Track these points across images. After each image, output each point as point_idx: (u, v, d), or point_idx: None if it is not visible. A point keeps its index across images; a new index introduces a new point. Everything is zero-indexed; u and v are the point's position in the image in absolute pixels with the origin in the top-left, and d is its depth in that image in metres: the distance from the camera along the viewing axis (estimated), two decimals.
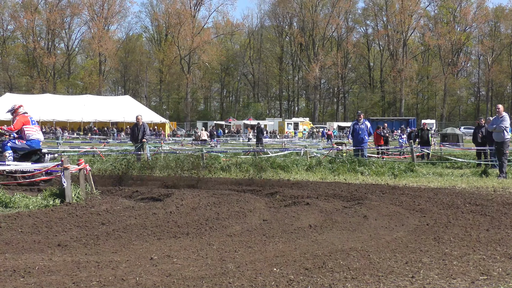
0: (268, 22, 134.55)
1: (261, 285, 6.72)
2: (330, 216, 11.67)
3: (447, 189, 17.17)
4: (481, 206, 13.22)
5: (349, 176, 22.07)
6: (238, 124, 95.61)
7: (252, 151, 35.32)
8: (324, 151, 33.71)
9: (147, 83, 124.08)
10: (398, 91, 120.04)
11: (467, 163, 27.28)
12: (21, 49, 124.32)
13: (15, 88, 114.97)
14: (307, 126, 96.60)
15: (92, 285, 6.69)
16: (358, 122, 27.96)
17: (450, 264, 7.85)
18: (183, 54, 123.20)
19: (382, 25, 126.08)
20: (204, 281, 6.84)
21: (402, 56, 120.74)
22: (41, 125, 75.30)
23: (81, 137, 70.24)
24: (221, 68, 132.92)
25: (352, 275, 7.14)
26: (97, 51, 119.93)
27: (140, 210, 12.15)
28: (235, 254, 8.55)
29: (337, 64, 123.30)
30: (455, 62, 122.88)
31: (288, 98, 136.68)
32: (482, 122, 29.37)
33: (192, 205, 12.72)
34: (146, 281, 6.85)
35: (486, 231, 10.33)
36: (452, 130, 45.59)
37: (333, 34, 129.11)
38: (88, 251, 8.61)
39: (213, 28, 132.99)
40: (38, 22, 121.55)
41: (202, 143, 52.30)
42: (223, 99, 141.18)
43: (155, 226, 10.58)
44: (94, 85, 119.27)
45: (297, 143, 54.67)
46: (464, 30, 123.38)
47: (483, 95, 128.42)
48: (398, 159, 29.33)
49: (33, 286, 6.61)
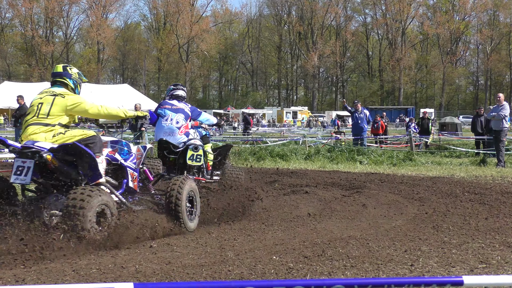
0: (266, 11, 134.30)
1: (260, 273, 6.74)
2: (329, 204, 11.70)
3: (446, 178, 17.22)
4: (479, 195, 13.26)
5: (348, 165, 22.12)
6: (236, 112, 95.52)
7: (251, 140, 35.35)
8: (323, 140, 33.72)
9: (146, 72, 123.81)
10: (397, 80, 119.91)
11: (466, 152, 27.30)
12: (19, 38, 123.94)
13: (13, 76, 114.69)
14: (305, 115, 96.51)
15: (91, 272, 6.70)
16: (356, 111, 27.92)
17: (449, 252, 7.87)
18: (181, 42, 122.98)
19: (381, 14, 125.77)
20: (204, 269, 6.85)
21: (401, 45, 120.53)
22: None
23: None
24: (219, 57, 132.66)
25: (351, 263, 7.16)
26: (96, 40, 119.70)
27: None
28: (234, 242, 8.58)
29: (336, 53, 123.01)
30: (454, 51, 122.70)
31: (286, 87, 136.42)
32: (481, 111, 29.37)
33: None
34: (145, 269, 6.86)
35: (485, 220, 10.36)
36: (451, 119, 45.53)
37: (331, 23, 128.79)
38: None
39: (211, 17, 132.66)
40: (36, 10, 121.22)
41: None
42: (221, 87, 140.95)
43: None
44: (93, 74, 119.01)
45: (296, 132, 54.65)
46: (463, 19, 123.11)
47: (482, 84, 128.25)
48: (396, 148, 29.34)
49: (33, 273, 6.62)
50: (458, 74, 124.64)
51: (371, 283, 3.70)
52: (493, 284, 4.11)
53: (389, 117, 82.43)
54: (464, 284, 3.67)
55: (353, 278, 6.55)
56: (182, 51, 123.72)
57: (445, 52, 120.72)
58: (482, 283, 4.11)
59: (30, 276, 6.51)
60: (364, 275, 6.71)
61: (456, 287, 3.81)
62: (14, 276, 6.47)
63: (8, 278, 6.40)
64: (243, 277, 6.58)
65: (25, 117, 8.81)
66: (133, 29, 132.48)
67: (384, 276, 6.70)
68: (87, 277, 6.55)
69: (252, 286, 3.27)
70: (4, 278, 6.41)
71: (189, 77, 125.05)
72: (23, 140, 8.41)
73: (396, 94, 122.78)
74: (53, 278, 6.44)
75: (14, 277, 6.45)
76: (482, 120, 28.22)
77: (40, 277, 6.44)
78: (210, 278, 6.51)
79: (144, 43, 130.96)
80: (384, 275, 6.72)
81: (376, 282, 3.77)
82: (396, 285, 3.62)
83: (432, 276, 6.65)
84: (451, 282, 3.76)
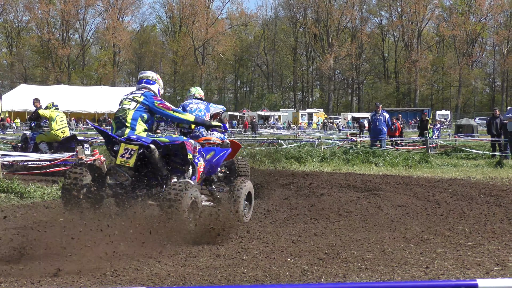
0: (282, 13, 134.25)
1: (275, 275, 6.73)
2: (344, 206, 11.67)
3: (462, 180, 17.12)
4: (495, 197, 13.19)
5: (364, 167, 22.06)
6: (252, 115, 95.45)
7: (266, 142, 35.37)
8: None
9: (161, 74, 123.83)
10: (413, 82, 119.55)
11: (482, 154, 27.16)
12: (36, 40, 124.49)
13: (30, 79, 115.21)
14: (321, 117, 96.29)
15: (106, 275, 6.71)
16: (376, 113, 27.95)
17: (465, 254, 7.84)
18: (197, 45, 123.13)
19: (397, 15, 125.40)
20: (219, 271, 6.86)
21: (417, 47, 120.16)
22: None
23: None
24: (235, 59, 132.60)
25: (366, 266, 7.15)
26: (112, 42, 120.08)
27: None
28: (249, 244, 8.57)
29: (352, 55, 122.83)
30: (470, 53, 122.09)
31: (302, 89, 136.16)
32: (497, 112, 29.22)
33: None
34: (160, 271, 6.88)
35: (501, 222, 10.31)
36: (467, 121, 45.43)
37: (347, 24, 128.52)
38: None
39: (227, 19, 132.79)
40: (52, 13, 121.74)
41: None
42: (237, 90, 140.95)
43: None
44: (109, 76, 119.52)
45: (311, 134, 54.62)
46: (479, 21, 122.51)
47: (498, 86, 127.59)
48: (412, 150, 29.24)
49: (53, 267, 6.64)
50: (474, 75, 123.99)
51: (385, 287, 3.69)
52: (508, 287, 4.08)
53: (405, 119, 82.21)
54: (479, 287, 3.65)
55: (366, 282, 6.54)
56: (197, 54, 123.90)
57: (461, 53, 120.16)
58: (497, 286, 4.09)
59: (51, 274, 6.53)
60: (379, 278, 6.69)
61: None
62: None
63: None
64: (257, 279, 6.58)
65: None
66: (149, 32, 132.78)
67: (399, 278, 6.69)
68: (101, 279, 6.57)
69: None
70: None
71: (204, 79, 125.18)
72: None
73: (412, 96, 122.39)
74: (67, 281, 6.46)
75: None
76: (498, 122, 28.09)
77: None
78: (225, 281, 6.51)
79: (160, 46, 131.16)
80: (399, 278, 6.70)
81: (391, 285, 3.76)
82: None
83: (447, 279, 6.63)
84: (465, 286, 3.74)
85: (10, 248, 7.45)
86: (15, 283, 6.38)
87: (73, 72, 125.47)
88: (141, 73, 10.30)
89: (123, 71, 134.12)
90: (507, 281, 4.18)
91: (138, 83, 10.13)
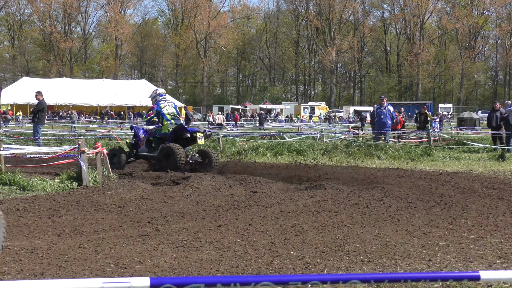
0: (284, 6, 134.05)
1: (277, 268, 6.75)
2: (346, 199, 11.66)
3: (464, 173, 17.11)
4: (498, 190, 13.17)
5: (366, 160, 22.05)
6: (254, 108, 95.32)
7: (268, 135, 35.38)
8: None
9: (163, 67, 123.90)
10: (415, 75, 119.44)
11: (484, 147, 27.12)
12: (38, 33, 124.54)
13: (32, 72, 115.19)
14: (323, 111, 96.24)
15: (108, 266, 6.72)
16: (380, 106, 27.84)
17: (467, 247, 7.84)
18: (199, 38, 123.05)
19: (399, 8, 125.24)
20: (221, 263, 6.87)
21: (419, 40, 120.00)
22: (58, 109, 75.78)
23: (97, 121, 70.41)
24: (237, 52, 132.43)
25: (368, 258, 7.16)
26: (114, 35, 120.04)
27: (156, 194, 12.19)
28: (251, 237, 8.58)
29: (354, 48, 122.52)
30: (473, 46, 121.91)
31: (304, 82, 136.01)
32: (497, 106, 29.17)
33: (209, 189, 12.74)
34: (163, 263, 6.89)
35: (503, 215, 10.30)
36: (469, 114, 45.40)
37: (349, 18, 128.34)
38: (105, 235, 8.63)
39: (229, 12, 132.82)
40: (54, 6, 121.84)
41: (218, 127, 52.30)
42: (239, 83, 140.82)
43: (172, 210, 10.61)
44: (111, 69, 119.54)
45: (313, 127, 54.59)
46: (481, 14, 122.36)
47: (501, 79, 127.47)
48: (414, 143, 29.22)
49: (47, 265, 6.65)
50: (476, 69, 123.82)
51: (387, 278, 3.69)
52: (510, 279, 4.08)
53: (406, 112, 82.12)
54: (481, 279, 3.64)
55: (369, 273, 6.54)
56: (200, 47, 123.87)
57: (463, 47, 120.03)
58: (500, 278, 4.09)
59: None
60: (381, 270, 6.70)
61: (473, 282, 3.79)
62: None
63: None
64: (260, 272, 6.59)
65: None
66: (151, 25, 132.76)
67: (401, 271, 6.69)
68: (103, 271, 6.58)
69: (268, 281, 3.27)
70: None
71: (206, 72, 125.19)
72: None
73: (414, 89, 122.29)
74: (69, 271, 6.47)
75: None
76: (498, 115, 28.05)
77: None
78: (228, 273, 6.52)
79: (162, 39, 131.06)
80: (402, 270, 6.71)
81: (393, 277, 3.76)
82: (412, 280, 3.61)
83: (449, 271, 6.63)
84: (468, 277, 3.73)
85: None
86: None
87: (75, 65, 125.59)
88: (161, 89, 18.13)
89: (125, 64, 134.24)
90: (510, 273, 4.18)
91: (164, 95, 17.78)
